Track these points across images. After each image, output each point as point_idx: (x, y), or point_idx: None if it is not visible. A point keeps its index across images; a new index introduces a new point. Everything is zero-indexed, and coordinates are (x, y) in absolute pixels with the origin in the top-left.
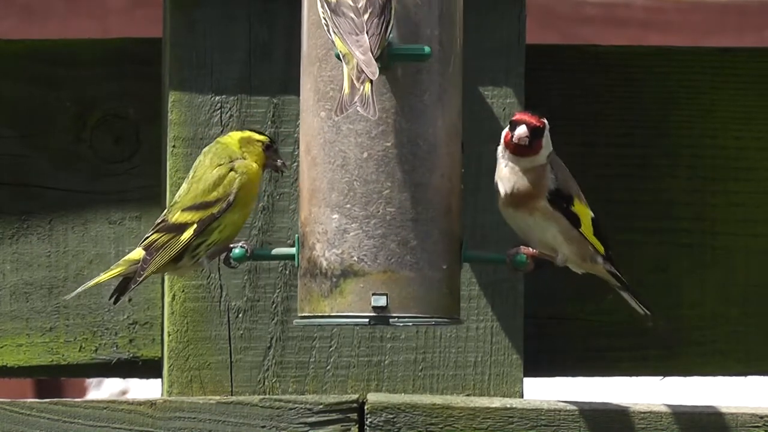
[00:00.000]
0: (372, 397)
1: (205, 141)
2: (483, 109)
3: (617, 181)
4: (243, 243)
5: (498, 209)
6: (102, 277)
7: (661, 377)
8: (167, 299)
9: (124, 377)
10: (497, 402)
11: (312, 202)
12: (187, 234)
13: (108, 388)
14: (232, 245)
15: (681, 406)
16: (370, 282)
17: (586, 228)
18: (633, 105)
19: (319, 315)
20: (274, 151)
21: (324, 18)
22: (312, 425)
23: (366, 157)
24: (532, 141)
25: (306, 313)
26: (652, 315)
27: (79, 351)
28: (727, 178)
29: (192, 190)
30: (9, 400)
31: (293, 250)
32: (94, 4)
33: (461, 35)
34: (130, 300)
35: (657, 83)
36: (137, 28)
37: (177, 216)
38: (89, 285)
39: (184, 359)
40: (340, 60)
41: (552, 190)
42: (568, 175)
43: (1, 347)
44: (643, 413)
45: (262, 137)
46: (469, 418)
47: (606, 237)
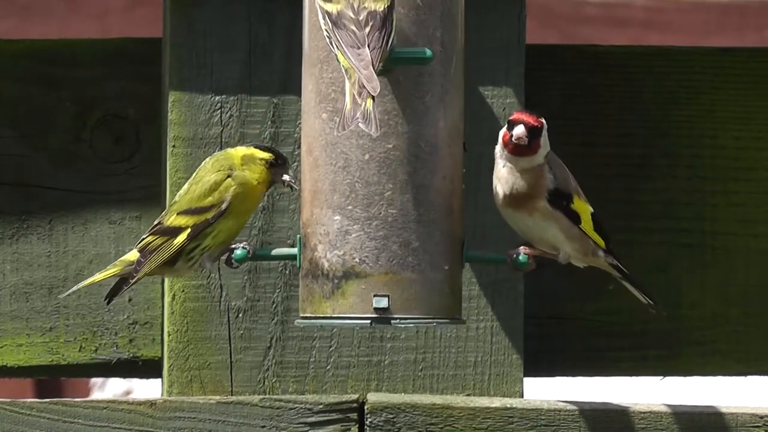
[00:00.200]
0: (372, 397)
1: (205, 141)
2: (483, 109)
3: (617, 181)
4: (245, 244)
5: (498, 209)
6: (96, 277)
7: (661, 377)
8: (167, 299)
9: (124, 377)
10: (497, 402)
11: (314, 203)
12: (181, 238)
13: (112, 388)
14: (233, 246)
15: (681, 406)
16: (371, 283)
17: (586, 224)
18: (633, 105)
19: (321, 316)
20: (280, 167)
21: (326, 30)
22: (312, 425)
23: (368, 159)
24: (530, 141)
25: (308, 314)
26: (654, 304)
27: (79, 351)
28: (727, 178)
29: (190, 192)
30: (9, 400)
31: (294, 250)
32: (94, 4)
33: (463, 36)
34: (130, 300)
35: (657, 83)
36: (137, 28)
37: (172, 219)
38: (84, 284)
39: (184, 359)
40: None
41: (551, 189)
42: (566, 173)
43: (1, 347)
44: (643, 413)
45: (265, 155)
46: (469, 418)
47: (606, 230)
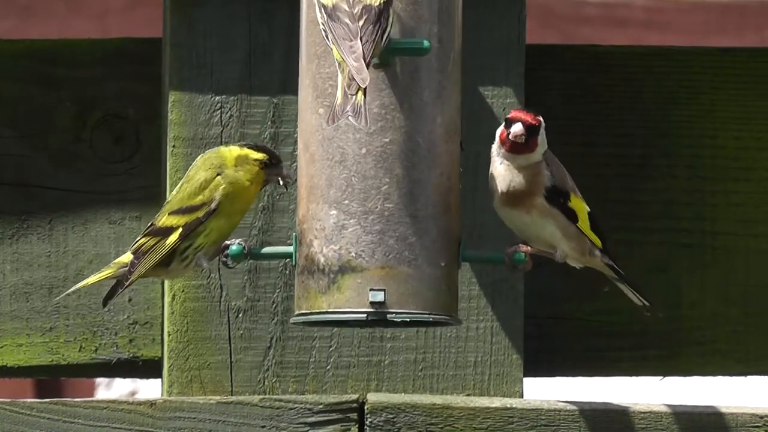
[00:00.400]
0: (372, 397)
1: (205, 141)
2: (483, 109)
3: (617, 181)
4: (240, 240)
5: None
6: (90, 280)
7: (661, 377)
8: (167, 299)
9: (124, 377)
10: (497, 402)
11: (310, 199)
12: (173, 238)
13: (118, 389)
14: (228, 242)
15: (681, 406)
16: (367, 277)
17: (583, 222)
18: (633, 105)
19: (317, 311)
20: (275, 166)
21: (322, 24)
22: (312, 425)
23: (364, 153)
24: (528, 139)
25: (303, 311)
26: (650, 306)
27: (79, 351)
28: (727, 178)
29: (181, 191)
30: (9, 400)
31: (290, 248)
32: (94, 4)
33: (460, 34)
34: (130, 300)
35: (657, 83)
36: (137, 28)
37: (164, 220)
38: (78, 287)
39: (184, 359)
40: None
41: (548, 187)
42: (563, 171)
43: (1, 347)
44: (643, 413)
45: (259, 155)
46: (469, 418)
47: (602, 230)
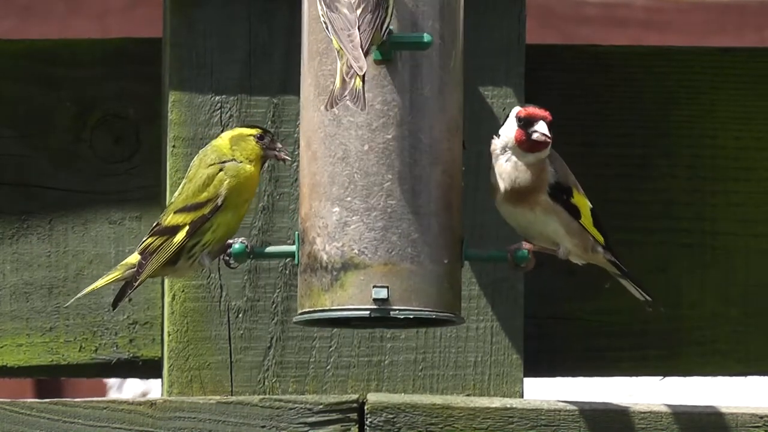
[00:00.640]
0: (372, 397)
1: (205, 141)
2: (483, 109)
3: (617, 181)
4: (243, 239)
5: (496, 208)
6: (99, 283)
7: (661, 377)
8: (167, 299)
9: (124, 377)
10: (497, 402)
11: (312, 196)
12: (180, 236)
13: (130, 389)
14: (231, 241)
15: (681, 406)
16: (370, 274)
17: (585, 219)
18: (633, 105)
19: (320, 309)
20: (270, 140)
21: (322, 15)
22: (312, 425)
23: (367, 150)
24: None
25: (306, 309)
26: (652, 301)
27: (79, 351)
28: (727, 178)
29: (185, 190)
30: (9, 400)
31: (293, 247)
32: (94, 4)
33: (463, 31)
34: (130, 300)
35: (657, 83)
36: (137, 28)
37: (170, 218)
38: (86, 291)
39: (184, 359)
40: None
41: (552, 183)
42: (565, 167)
43: (1, 347)
44: (643, 413)
45: (252, 130)
46: (469, 418)
47: (604, 226)
